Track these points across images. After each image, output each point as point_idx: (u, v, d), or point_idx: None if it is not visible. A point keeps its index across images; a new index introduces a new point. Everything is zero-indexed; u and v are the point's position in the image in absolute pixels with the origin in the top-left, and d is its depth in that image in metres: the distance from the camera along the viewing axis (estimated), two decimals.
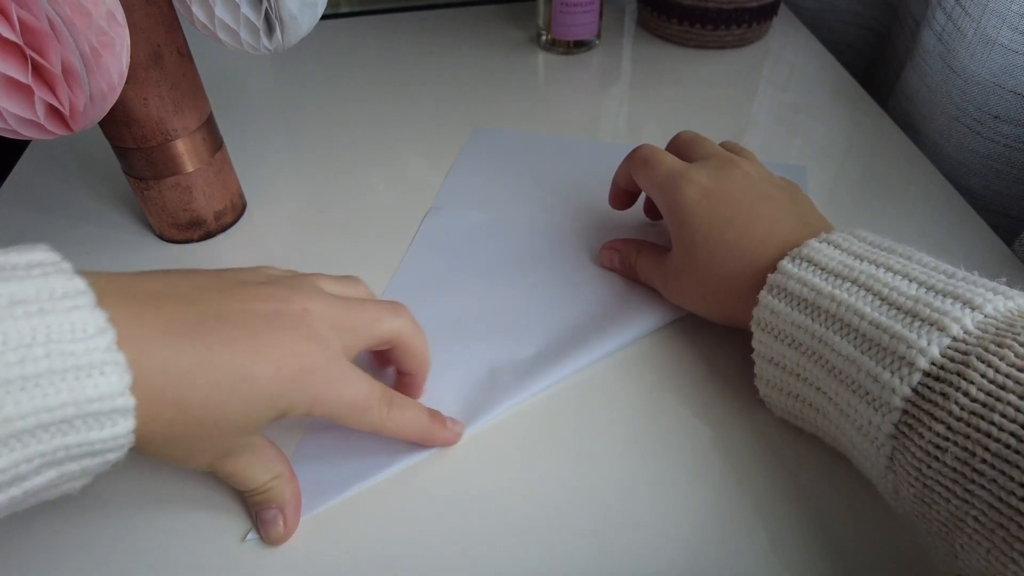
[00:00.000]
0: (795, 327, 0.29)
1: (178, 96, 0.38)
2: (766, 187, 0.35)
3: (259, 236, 0.45)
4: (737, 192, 0.34)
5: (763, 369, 0.32)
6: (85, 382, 0.21)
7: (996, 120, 0.46)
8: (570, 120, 0.55)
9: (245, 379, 0.26)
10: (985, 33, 0.45)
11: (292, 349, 0.27)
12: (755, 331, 0.31)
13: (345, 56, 0.64)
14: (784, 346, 0.30)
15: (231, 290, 0.28)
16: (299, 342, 0.27)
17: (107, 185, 0.49)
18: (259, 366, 0.26)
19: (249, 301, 0.27)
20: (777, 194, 0.35)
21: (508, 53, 0.64)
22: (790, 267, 0.30)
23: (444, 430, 0.32)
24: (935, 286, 0.27)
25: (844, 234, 0.31)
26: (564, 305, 0.40)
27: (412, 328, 0.32)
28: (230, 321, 0.26)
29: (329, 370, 0.28)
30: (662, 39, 0.66)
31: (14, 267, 0.22)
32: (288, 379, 0.26)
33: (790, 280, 0.30)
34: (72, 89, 0.28)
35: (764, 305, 0.30)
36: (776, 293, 0.30)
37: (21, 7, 0.26)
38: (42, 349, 0.21)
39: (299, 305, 0.28)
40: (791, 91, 0.58)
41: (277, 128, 0.55)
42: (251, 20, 0.36)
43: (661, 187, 0.37)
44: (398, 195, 0.48)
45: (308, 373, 0.27)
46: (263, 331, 0.27)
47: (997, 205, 0.48)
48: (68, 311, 0.22)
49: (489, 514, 0.31)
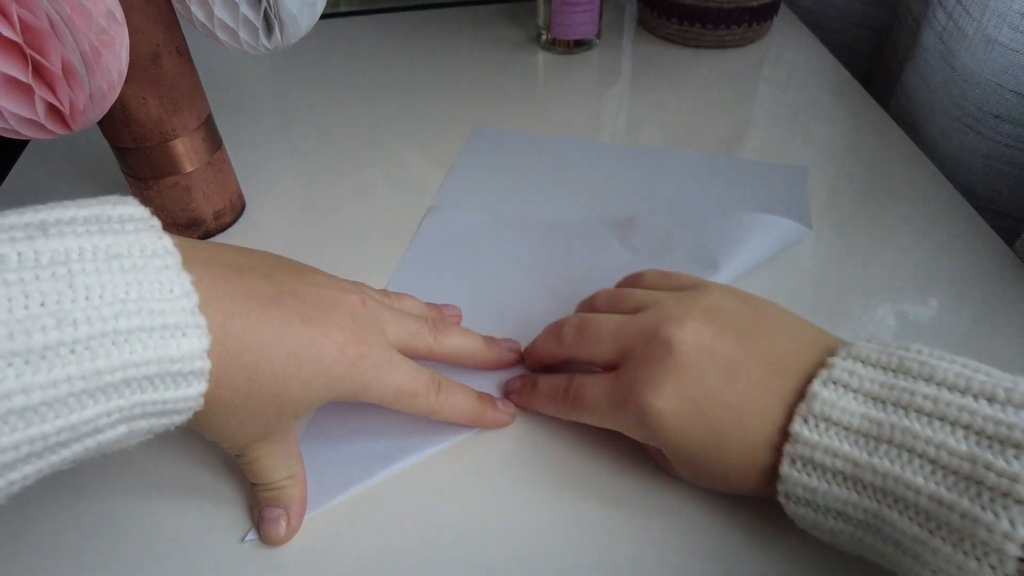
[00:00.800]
0: (841, 503, 0.25)
1: (177, 96, 0.38)
2: (720, 349, 0.28)
3: (258, 236, 0.45)
4: (700, 391, 0.27)
5: (811, 531, 0.27)
6: (170, 342, 0.22)
7: (997, 120, 0.46)
8: (570, 120, 0.55)
9: (313, 357, 0.27)
10: (986, 32, 0.45)
11: (354, 335, 0.28)
12: (788, 508, 0.26)
13: (345, 56, 0.64)
14: (831, 520, 0.25)
15: (303, 273, 0.29)
16: (359, 330, 0.29)
17: (106, 185, 0.49)
18: (327, 347, 0.27)
19: (319, 286, 0.29)
20: (739, 356, 0.28)
21: (508, 53, 0.64)
22: (807, 434, 0.25)
23: (496, 412, 0.33)
24: (984, 430, 0.22)
25: (845, 363, 0.26)
26: (566, 305, 0.39)
27: (455, 341, 0.33)
28: (305, 300, 0.27)
29: (380, 356, 0.29)
30: (662, 39, 0.65)
31: (109, 219, 0.23)
32: (348, 363, 0.28)
33: (815, 451, 0.25)
34: (72, 88, 0.28)
35: (792, 482, 0.25)
36: (802, 467, 0.25)
37: (21, 6, 0.26)
38: (135, 305, 0.21)
39: (358, 297, 0.30)
40: (791, 91, 0.58)
41: (276, 128, 0.55)
42: (250, 19, 0.36)
43: (622, 424, 0.30)
44: (398, 195, 0.48)
45: (363, 358, 0.28)
46: (332, 314, 0.28)
47: (998, 205, 0.48)
48: (159, 270, 0.22)
49: (487, 516, 0.31)
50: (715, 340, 0.28)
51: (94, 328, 0.20)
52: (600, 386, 0.30)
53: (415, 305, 0.36)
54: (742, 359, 0.28)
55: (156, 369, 0.22)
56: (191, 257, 0.24)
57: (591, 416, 0.31)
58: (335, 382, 0.28)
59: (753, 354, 0.28)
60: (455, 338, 0.33)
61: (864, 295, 0.40)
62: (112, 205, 0.23)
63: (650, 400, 0.28)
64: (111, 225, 0.22)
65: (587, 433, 0.33)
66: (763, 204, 0.46)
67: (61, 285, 0.20)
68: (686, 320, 0.29)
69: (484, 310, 0.39)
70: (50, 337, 0.20)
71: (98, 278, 0.21)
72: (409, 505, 0.31)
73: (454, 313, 0.38)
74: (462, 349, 0.34)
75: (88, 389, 0.21)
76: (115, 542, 0.30)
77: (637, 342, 0.29)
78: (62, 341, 0.20)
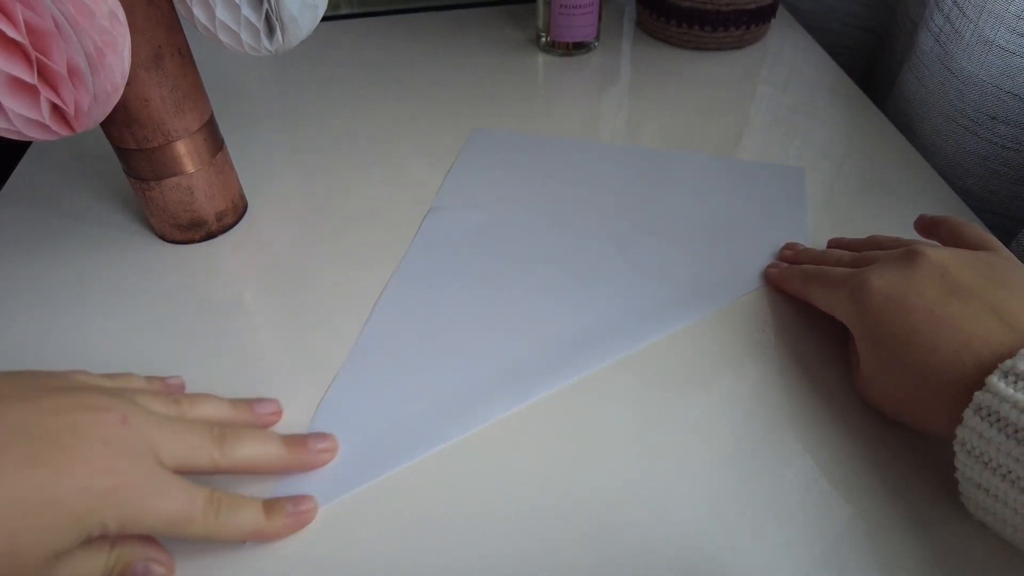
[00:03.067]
0: (1013, 460, 0.25)
1: (179, 97, 0.38)
2: (955, 277, 0.30)
3: (260, 236, 0.45)
4: (919, 295, 0.30)
5: (971, 493, 0.27)
6: None
7: (993, 121, 0.46)
8: (569, 121, 0.55)
9: (48, 501, 0.23)
10: (982, 34, 0.45)
11: (105, 464, 0.24)
12: (959, 454, 0.27)
13: (345, 57, 0.64)
14: (998, 478, 0.25)
15: (36, 398, 0.25)
16: (113, 457, 0.25)
17: (108, 186, 0.49)
18: (65, 485, 0.23)
19: (60, 412, 0.25)
20: (971, 284, 0.29)
21: (507, 55, 0.64)
22: (1002, 386, 0.25)
23: (284, 516, 0.29)
24: None
25: None
26: (567, 306, 0.40)
27: (250, 448, 0.29)
28: (35, 436, 0.24)
29: (143, 482, 0.25)
30: (661, 41, 0.66)
31: None
32: (98, 496, 0.24)
33: (1003, 403, 0.25)
34: (76, 89, 0.29)
35: (971, 428, 0.26)
36: (986, 415, 0.26)
37: (26, 7, 0.26)
38: None
39: (117, 415, 0.26)
40: (789, 92, 0.58)
41: (278, 129, 0.56)
42: (252, 22, 0.36)
43: (840, 302, 0.34)
44: (398, 195, 0.48)
45: (117, 489, 0.24)
46: (75, 445, 0.24)
47: (994, 206, 0.48)
48: None
49: (492, 514, 0.31)
50: (958, 267, 0.30)
51: None
52: (842, 269, 0.35)
53: (214, 407, 0.31)
54: (969, 289, 0.29)
55: None
56: None
57: (822, 289, 0.35)
58: (84, 519, 0.24)
59: (984, 293, 0.29)
60: (247, 447, 0.29)
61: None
62: None
63: (871, 277, 0.32)
64: None
65: (595, 432, 0.34)
66: (761, 204, 0.46)
67: None
68: (938, 249, 0.32)
69: (484, 310, 0.40)
70: None
71: None
72: (414, 506, 0.31)
73: (270, 411, 0.34)
74: (258, 458, 0.29)
75: None
76: None
77: (891, 252, 0.33)
78: None
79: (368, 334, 0.38)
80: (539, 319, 0.39)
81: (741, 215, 0.46)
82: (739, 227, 0.45)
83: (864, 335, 0.32)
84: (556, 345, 0.37)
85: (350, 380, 0.36)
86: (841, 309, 0.34)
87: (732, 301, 0.40)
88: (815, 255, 0.40)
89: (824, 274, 0.36)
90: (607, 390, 0.36)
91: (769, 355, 0.37)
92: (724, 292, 0.40)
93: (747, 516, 0.30)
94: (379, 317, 0.39)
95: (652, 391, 0.35)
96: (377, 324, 0.39)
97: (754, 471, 0.32)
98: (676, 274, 0.42)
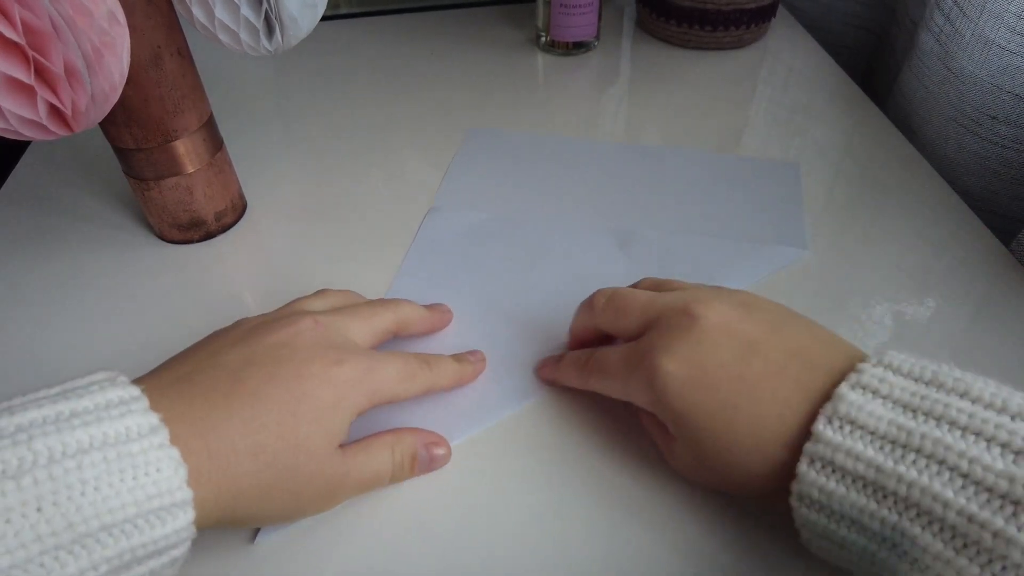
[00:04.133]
0: (858, 510, 0.23)
1: (178, 97, 0.38)
2: (742, 332, 0.28)
3: (260, 236, 0.45)
4: (719, 366, 0.27)
5: (815, 544, 0.26)
6: (143, 480, 0.22)
7: (994, 121, 0.46)
8: (569, 121, 0.55)
9: (301, 398, 0.27)
10: (983, 34, 0.45)
11: (330, 358, 0.28)
12: (799, 510, 0.25)
13: (345, 57, 0.64)
14: (844, 529, 0.24)
15: (241, 341, 0.28)
16: (330, 349, 0.29)
17: (107, 185, 0.49)
18: (308, 383, 0.27)
19: (264, 338, 0.28)
20: (757, 336, 0.28)
21: (507, 54, 0.64)
22: (831, 434, 0.24)
23: (472, 365, 0.35)
24: (1023, 450, 0.21)
25: (875, 370, 0.25)
26: (564, 305, 0.40)
27: (409, 311, 0.35)
28: (257, 363, 0.27)
29: (367, 360, 0.29)
30: (661, 40, 0.66)
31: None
32: (341, 384, 0.28)
33: (837, 452, 0.24)
34: (74, 89, 0.29)
35: (808, 483, 0.24)
36: (821, 469, 0.24)
37: (23, 7, 0.26)
38: (99, 454, 0.22)
39: (306, 321, 0.30)
40: (789, 92, 0.58)
41: (277, 128, 0.55)
42: (251, 21, 0.36)
43: (634, 391, 0.30)
44: (398, 195, 0.48)
45: (351, 372, 0.28)
46: (292, 356, 0.28)
47: (995, 206, 0.48)
48: (122, 416, 0.23)
49: (488, 517, 0.31)
50: (740, 322, 0.28)
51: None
52: (619, 351, 0.31)
53: (355, 296, 0.36)
54: (763, 341, 0.27)
55: (134, 511, 0.22)
56: (153, 389, 0.25)
57: (608, 381, 0.31)
58: (338, 404, 0.28)
59: (777, 341, 0.27)
60: (405, 307, 0.35)
61: (861, 295, 0.40)
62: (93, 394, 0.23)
63: (662, 361, 0.28)
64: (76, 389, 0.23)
65: (593, 432, 0.34)
66: (758, 200, 0.47)
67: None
68: (715, 302, 0.29)
69: (485, 309, 0.39)
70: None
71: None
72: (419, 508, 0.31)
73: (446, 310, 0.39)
74: (415, 315, 0.36)
75: (62, 544, 0.20)
76: None
77: (664, 314, 0.30)
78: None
79: None
80: (536, 319, 0.39)
81: (738, 211, 0.46)
82: (736, 223, 0.45)
83: (675, 421, 0.28)
84: (557, 347, 0.37)
85: None
86: (639, 398, 0.30)
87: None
88: (580, 334, 0.36)
89: (602, 363, 0.32)
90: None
91: None
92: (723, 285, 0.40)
93: (747, 516, 0.30)
94: None
95: None
96: None
97: None
98: (675, 270, 0.42)
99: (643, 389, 0.29)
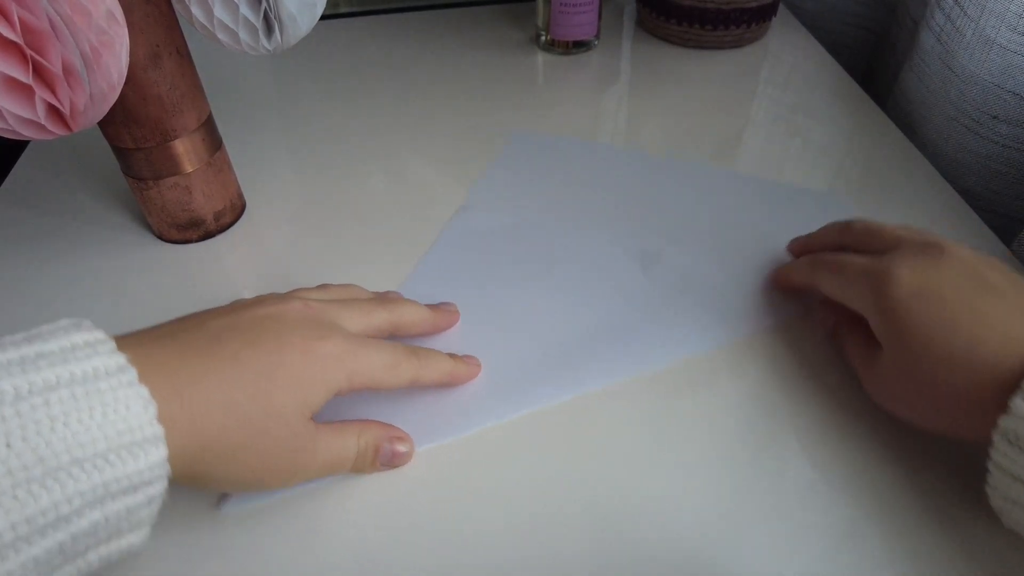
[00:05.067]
0: None
1: (177, 96, 0.38)
2: (984, 274, 0.29)
3: (258, 236, 0.45)
4: (952, 287, 0.29)
5: (1003, 484, 0.26)
6: (112, 417, 0.22)
7: (994, 120, 0.46)
8: (569, 120, 0.55)
9: (279, 366, 0.27)
10: (983, 33, 0.45)
11: (313, 334, 0.28)
12: (999, 444, 0.26)
13: (344, 56, 0.64)
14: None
15: (229, 312, 0.29)
16: (315, 327, 0.29)
17: (106, 185, 0.49)
18: (288, 354, 0.27)
19: (251, 309, 0.29)
20: (1000, 282, 0.29)
21: (507, 53, 0.64)
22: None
23: (467, 367, 0.35)
24: None
25: None
26: (574, 316, 0.39)
27: (411, 314, 0.35)
28: (240, 329, 0.27)
29: (351, 342, 0.29)
30: (661, 39, 0.66)
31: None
32: (320, 358, 0.28)
33: None
34: (72, 89, 0.28)
35: (1018, 416, 0.25)
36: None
37: (21, 7, 0.26)
38: (67, 391, 0.21)
39: (297, 303, 0.30)
40: (790, 91, 0.58)
41: (276, 128, 0.55)
42: (250, 20, 0.36)
43: (859, 293, 0.32)
44: (397, 195, 0.48)
45: (332, 348, 0.28)
46: (276, 327, 0.28)
47: (996, 205, 0.48)
48: (89, 357, 0.23)
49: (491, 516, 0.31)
50: (986, 268, 0.29)
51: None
52: (862, 258, 0.32)
53: (359, 291, 0.36)
54: (1003, 288, 0.28)
55: (104, 446, 0.22)
56: (125, 342, 0.25)
57: (836, 278, 0.33)
58: (315, 379, 0.28)
59: (1011, 287, 0.28)
60: (408, 309, 0.35)
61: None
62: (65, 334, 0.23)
63: (899, 270, 0.30)
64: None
65: (587, 435, 0.33)
66: (799, 233, 0.42)
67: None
68: (965, 247, 0.30)
69: (499, 311, 0.39)
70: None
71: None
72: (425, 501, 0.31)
73: (451, 308, 0.39)
74: (416, 316, 0.35)
75: (34, 477, 0.20)
76: None
77: (913, 241, 0.31)
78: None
79: None
80: (546, 328, 0.38)
81: (776, 242, 0.43)
82: (772, 254, 0.42)
83: (888, 327, 0.30)
84: (562, 359, 0.37)
85: None
86: (860, 299, 0.32)
87: (750, 333, 0.38)
88: (824, 243, 0.38)
89: (838, 262, 0.34)
90: (607, 391, 0.35)
91: (769, 355, 0.37)
92: (745, 322, 0.39)
93: (748, 516, 0.30)
94: None
95: (652, 391, 0.35)
96: None
97: (754, 470, 0.32)
98: (701, 296, 0.40)
99: (869, 291, 0.31)
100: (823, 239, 0.38)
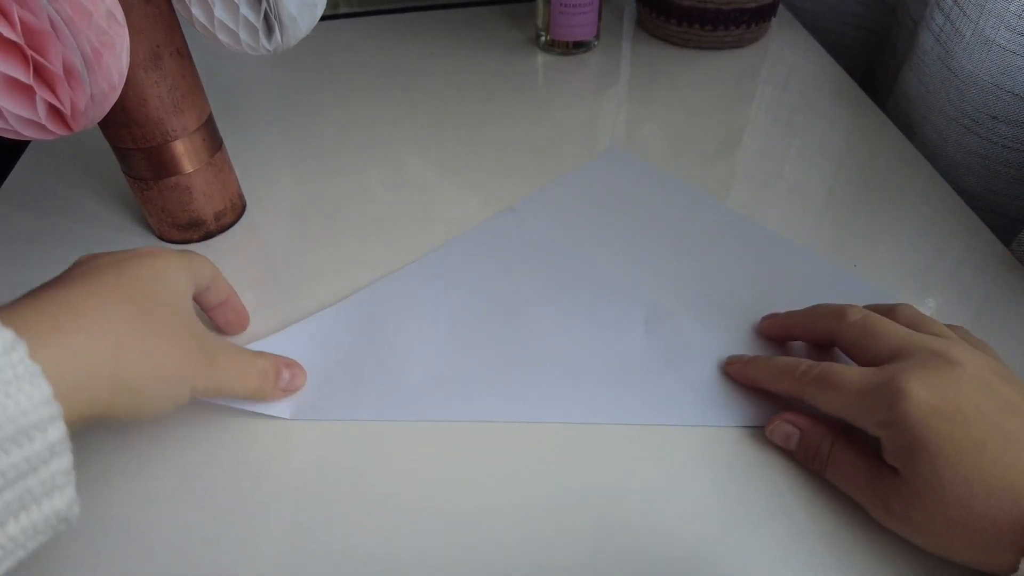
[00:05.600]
0: None
1: (177, 96, 0.38)
2: (1000, 391, 0.27)
3: (259, 236, 0.45)
4: (972, 405, 0.26)
5: None
6: (6, 401, 0.21)
7: (994, 120, 0.46)
8: (569, 121, 0.55)
9: (135, 279, 0.28)
10: (983, 34, 0.45)
11: (140, 254, 0.30)
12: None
13: (344, 57, 0.64)
14: None
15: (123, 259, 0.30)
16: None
17: (107, 185, 0.49)
18: (131, 265, 0.29)
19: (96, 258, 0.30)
20: (1015, 400, 0.27)
21: (507, 54, 0.64)
22: None
23: (276, 389, 0.34)
24: None
25: None
26: (551, 350, 0.37)
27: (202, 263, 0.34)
28: (89, 274, 0.28)
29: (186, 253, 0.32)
30: (661, 40, 0.66)
31: None
32: (161, 255, 0.30)
33: None
34: (73, 89, 0.28)
35: None
36: None
37: (22, 7, 0.26)
38: None
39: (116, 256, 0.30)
40: (790, 92, 0.58)
41: (277, 128, 0.55)
42: (250, 21, 0.36)
43: (867, 410, 0.28)
44: (396, 195, 0.48)
45: (174, 255, 0.31)
46: (110, 261, 0.29)
47: (995, 205, 0.48)
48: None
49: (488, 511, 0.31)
50: (1001, 382, 0.27)
51: None
52: (859, 369, 0.29)
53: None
54: (1018, 406, 0.26)
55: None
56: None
57: (833, 394, 0.29)
58: (172, 262, 0.30)
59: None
60: (233, 299, 0.37)
61: (862, 296, 0.40)
62: None
63: (912, 386, 0.27)
64: None
65: (587, 434, 0.34)
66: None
67: None
68: (979, 357, 0.28)
69: (497, 315, 0.39)
70: None
71: None
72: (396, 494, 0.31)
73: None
74: (228, 296, 0.37)
75: None
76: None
77: (920, 350, 0.28)
78: None
79: (367, 295, 0.40)
80: (550, 345, 0.38)
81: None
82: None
83: (912, 447, 0.26)
84: (532, 380, 0.36)
85: (333, 319, 0.38)
86: (869, 417, 0.28)
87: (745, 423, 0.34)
88: (811, 330, 0.34)
89: (832, 375, 0.30)
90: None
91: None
92: (749, 412, 0.34)
93: (747, 516, 0.30)
94: (388, 283, 0.41)
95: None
96: (382, 289, 0.40)
97: (754, 470, 0.32)
98: (696, 361, 0.36)
99: (880, 408, 0.27)
100: (808, 326, 0.34)
